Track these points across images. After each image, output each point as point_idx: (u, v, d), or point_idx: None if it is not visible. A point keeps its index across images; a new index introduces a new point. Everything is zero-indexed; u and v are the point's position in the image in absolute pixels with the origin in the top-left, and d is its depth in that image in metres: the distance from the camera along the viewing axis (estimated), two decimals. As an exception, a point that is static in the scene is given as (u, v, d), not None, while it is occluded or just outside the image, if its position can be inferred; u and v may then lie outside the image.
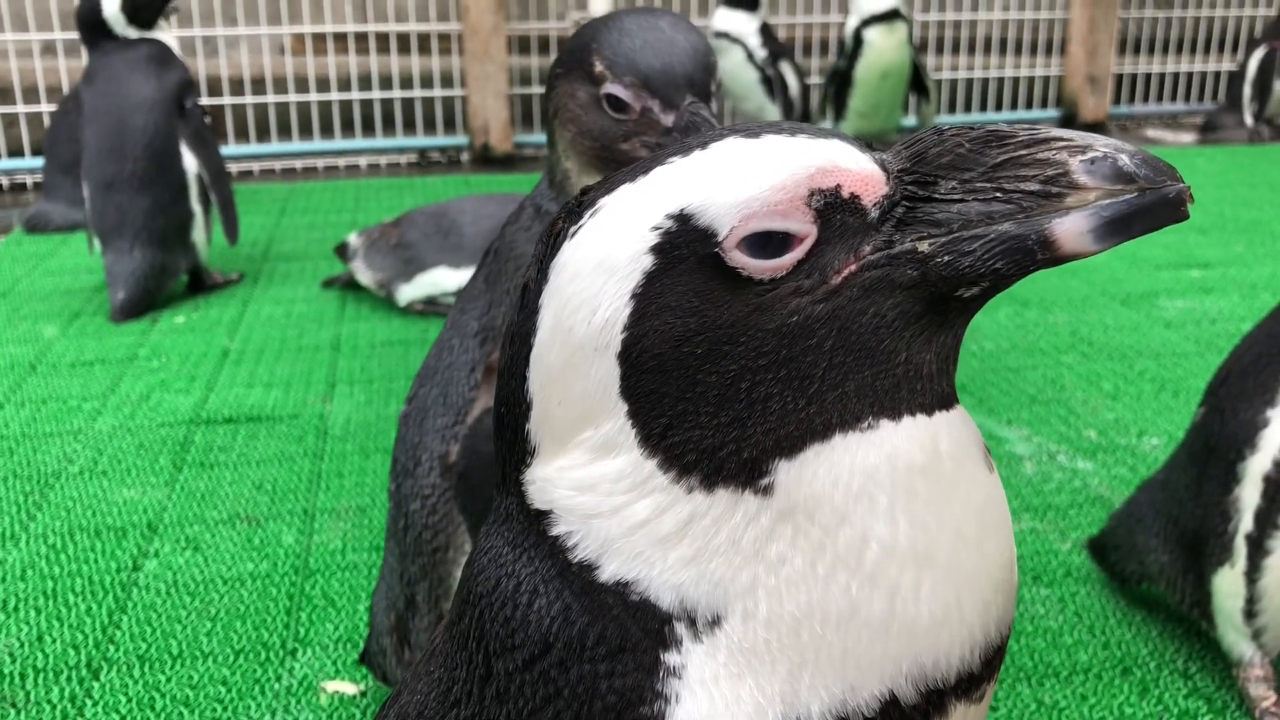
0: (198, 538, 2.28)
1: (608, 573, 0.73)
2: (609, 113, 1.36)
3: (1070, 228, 0.68)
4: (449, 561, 1.48)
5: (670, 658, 0.71)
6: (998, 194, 0.70)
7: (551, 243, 0.76)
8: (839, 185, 0.71)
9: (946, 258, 0.70)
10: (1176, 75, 8.08)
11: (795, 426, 0.71)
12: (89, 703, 1.78)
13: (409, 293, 3.73)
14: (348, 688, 1.80)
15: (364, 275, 3.83)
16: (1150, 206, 0.67)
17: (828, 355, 0.71)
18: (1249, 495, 1.63)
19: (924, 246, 0.71)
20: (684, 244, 0.71)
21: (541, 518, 0.76)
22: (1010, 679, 1.80)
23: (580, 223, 0.74)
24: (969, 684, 0.73)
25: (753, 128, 0.74)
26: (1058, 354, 3.28)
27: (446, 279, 3.67)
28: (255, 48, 6.57)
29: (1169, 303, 3.75)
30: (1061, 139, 0.70)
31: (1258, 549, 1.62)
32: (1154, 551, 1.85)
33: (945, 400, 0.75)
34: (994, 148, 0.71)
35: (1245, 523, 1.64)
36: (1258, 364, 1.69)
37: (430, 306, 3.72)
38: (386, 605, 1.63)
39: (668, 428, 0.72)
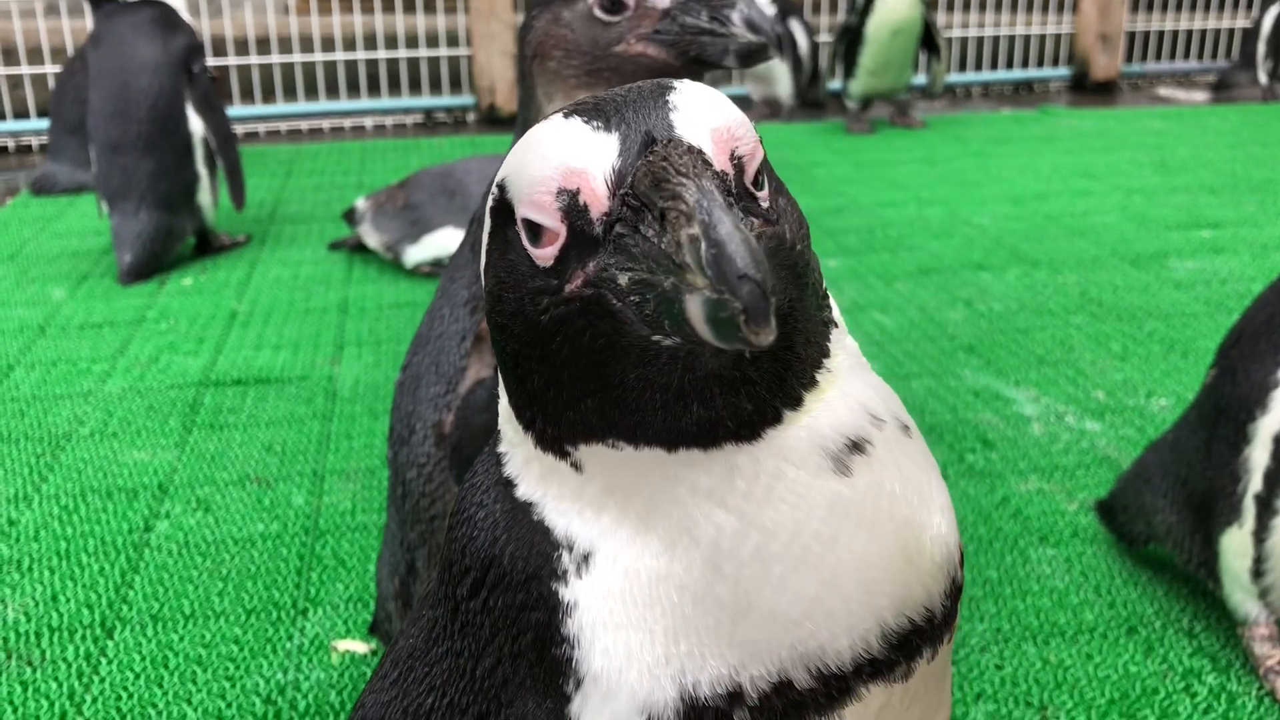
0: (208, 499, 2.30)
1: (521, 490, 0.78)
2: (602, 18, 1.35)
3: (694, 311, 0.62)
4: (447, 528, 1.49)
5: (564, 592, 0.73)
6: (662, 244, 0.64)
7: None
8: (579, 190, 0.68)
9: (636, 299, 0.65)
10: (1190, 32, 7.99)
11: (573, 423, 0.73)
12: (104, 661, 1.80)
13: (416, 254, 3.72)
14: (358, 646, 1.82)
15: (371, 238, 3.83)
16: (718, 320, 0.61)
17: (565, 365, 0.71)
18: (1259, 456, 1.63)
19: (623, 280, 0.66)
20: (504, 212, 0.74)
21: (498, 439, 0.83)
22: (1016, 638, 1.81)
23: None
24: (876, 668, 0.72)
25: (574, 106, 0.72)
26: (1066, 315, 3.27)
27: (453, 240, 3.66)
28: (260, 7, 6.52)
29: (1179, 263, 3.73)
30: (682, 200, 0.63)
31: (1266, 509, 1.62)
32: (1162, 512, 1.86)
33: (739, 430, 0.71)
34: (659, 188, 0.65)
35: (1255, 483, 1.64)
36: (1270, 325, 1.68)
37: (437, 269, 3.71)
38: (390, 571, 1.64)
39: (507, 385, 0.78)
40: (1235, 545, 1.68)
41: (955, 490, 2.27)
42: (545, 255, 0.70)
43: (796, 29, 6.60)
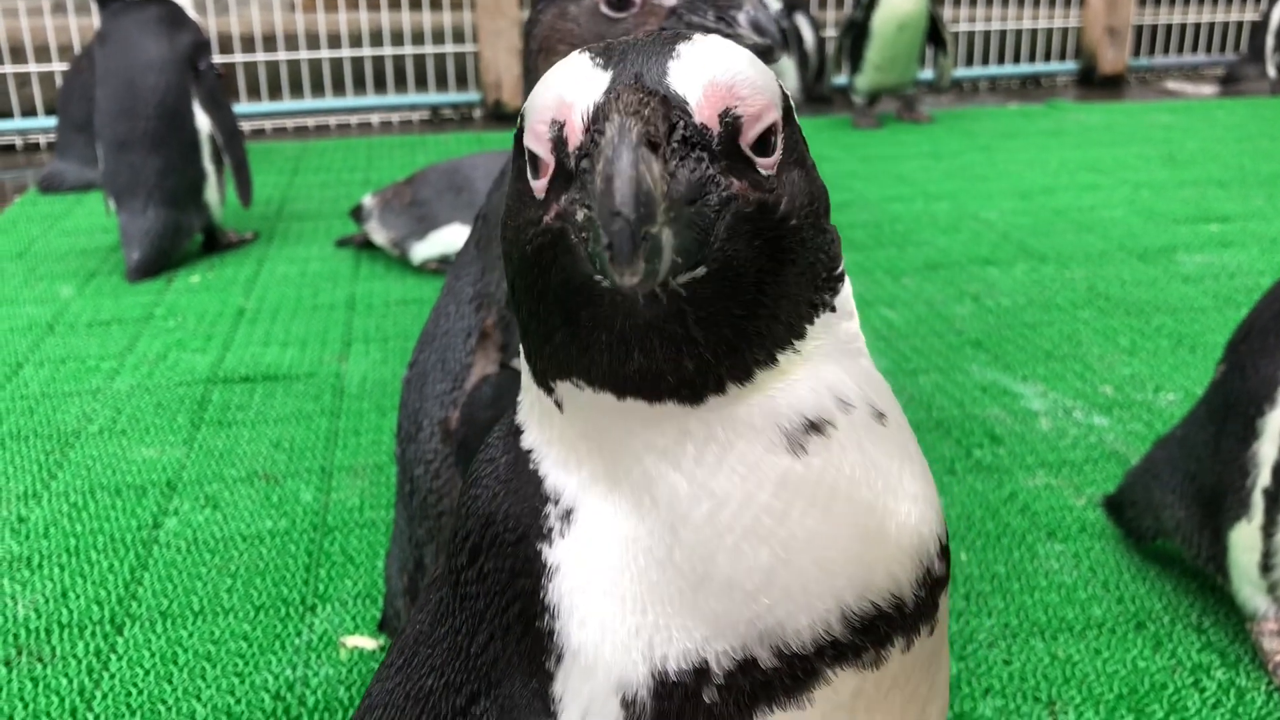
0: (217, 495, 2.30)
1: (526, 436, 0.79)
2: (608, 14, 1.36)
3: (600, 250, 0.62)
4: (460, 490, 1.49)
5: (547, 553, 0.74)
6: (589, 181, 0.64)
7: None
8: (565, 123, 0.68)
9: (586, 234, 0.65)
10: (1198, 26, 7.97)
11: (549, 357, 0.74)
12: (113, 657, 1.80)
13: (423, 251, 3.73)
14: (367, 642, 1.82)
15: (379, 235, 3.83)
16: (596, 255, 0.62)
17: (539, 296, 0.71)
18: (1268, 450, 1.63)
19: (580, 215, 0.65)
20: (518, 142, 0.74)
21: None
22: (1024, 633, 1.81)
23: None
24: (840, 651, 0.72)
25: (590, 46, 0.73)
26: (1074, 309, 3.27)
27: (460, 236, 3.66)
28: (266, 4, 6.53)
29: (1187, 257, 3.72)
30: (601, 132, 0.64)
31: (1275, 504, 1.62)
32: (1170, 507, 1.85)
33: (679, 389, 0.71)
34: (594, 124, 0.66)
35: (1263, 478, 1.63)
36: (1279, 319, 1.68)
37: (444, 265, 3.71)
38: (399, 567, 1.64)
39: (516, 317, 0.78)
40: (1244, 540, 1.68)
41: (963, 485, 2.27)
42: (539, 187, 0.70)
43: (803, 23, 6.59)
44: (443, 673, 0.81)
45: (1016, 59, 7.68)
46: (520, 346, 0.80)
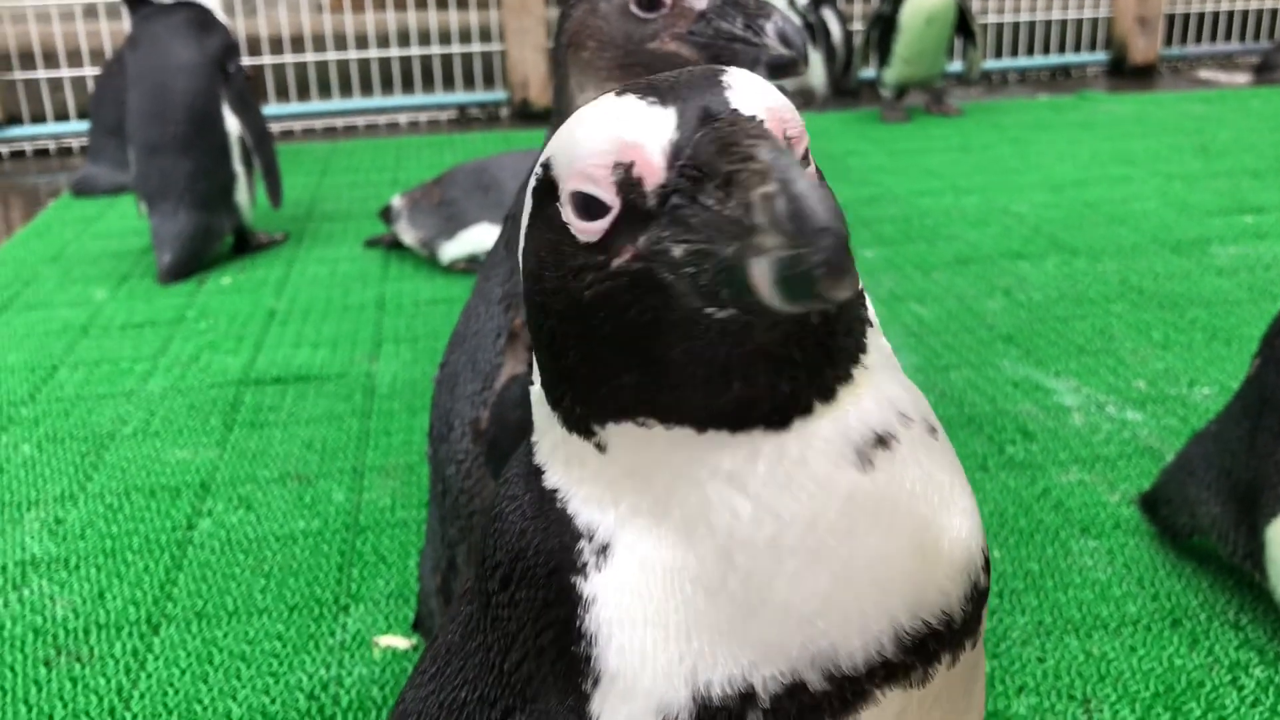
0: (250, 496, 2.32)
1: (548, 477, 0.79)
2: (638, 14, 1.36)
3: (759, 275, 0.62)
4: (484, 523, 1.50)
5: (583, 586, 0.74)
6: (725, 210, 0.64)
7: None
8: (633, 163, 0.68)
9: (691, 270, 0.65)
10: (1230, 13, 7.87)
11: (604, 400, 0.73)
12: (150, 657, 1.82)
13: (451, 251, 3.74)
14: (400, 642, 1.83)
15: (407, 235, 3.85)
16: (792, 277, 0.60)
17: (605, 340, 0.71)
18: (1304, 446, 1.61)
19: (677, 251, 0.66)
20: (546, 191, 0.74)
21: (530, 431, 0.84)
22: (1059, 631, 1.80)
23: None
24: (891, 671, 0.71)
25: (626, 86, 0.73)
26: (1106, 303, 3.24)
27: (488, 236, 3.67)
28: (294, 6, 6.57)
29: (1221, 249, 3.68)
30: (756, 159, 0.63)
31: (1313, 500, 1.60)
32: (1206, 504, 1.83)
33: (770, 414, 0.71)
34: (726, 152, 0.65)
35: (1300, 474, 1.61)
36: (1314, 312, 1.65)
37: (473, 265, 3.73)
38: (432, 567, 1.65)
39: (540, 364, 0.78)
40: (1282, 536, 1.66)
41: (995, 482, 2.26)
42: (593, 230, 0.70)
43: (830, 17, 6.56)
44: (476, 686, 0.81)
45: (1046, 50, 7.62)
46: (540, 397, 0.80)
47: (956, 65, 6.65)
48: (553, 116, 1.48)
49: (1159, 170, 4.74)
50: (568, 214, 0.71)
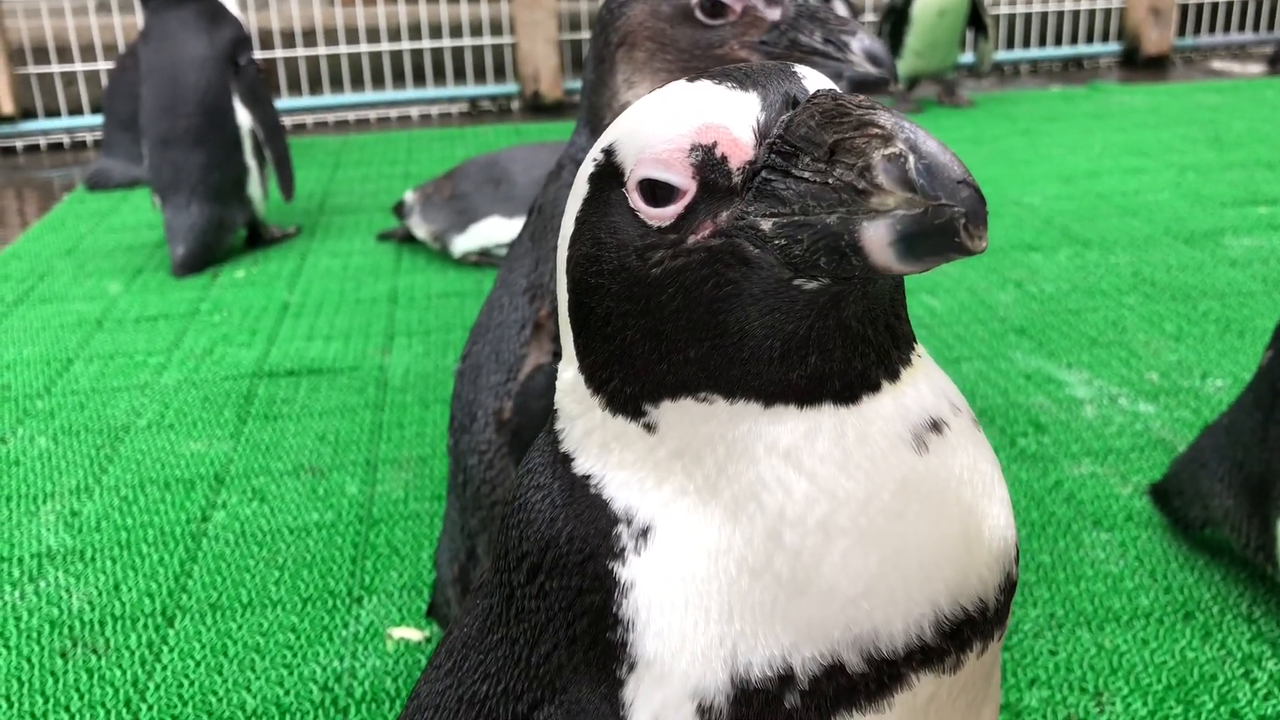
0: (264, 489, 2.33)
1: (580, 464, 0.79)
2: (703, 20, 1.34)
3: (874, 237, 0.63)
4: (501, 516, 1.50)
5: (620, 571, 0.74)
6: (829, 180, 0.65)
7: None
8: (715, 143, 0.70)
9: (782, 242, 0.67)
10: (1244, 3, 7.82)
11: (662, 377, 0.74)
12: (165, 649, 1.84)
13: (463, 244, 3.75)
14: (413, 634, 1.84)
15: (420, 229, 3.86)
16: (926, 232, 0.62)
17: (673, 316, 0.72)
18: (1317, 439, 1.61)
19: (766, 225, 0.68)
20: (608, 177, 0.75)
21: (555, 418, 0.83)
22: (1071, 623, 1.80)
23: None
24: (927, 656, 0.72)
25: (698, 76, 0.74)
26: (1119, 295, 3.23)
27: (499, 229, 3.68)
28: None
29: (1235, 241, 3.66)
30: (875, 124, 0.65)
31: (1326, 493, 1.60)
32: (1218, 496, 1.83)
33: (841, 391, 0.72)
34: (834, 123, 0.66)
35: (1313, 466, 1.61)
36: (1328, 305, 1.65)
37: (484, 258, 3.74)
38: (450, 557, 1.66)
39: (584, 348, 0.78)
40: (1294, 529, 1.65)
41: (1008, 474, 2.25)
42: (666, 214, 0.71)
43: (841, 9, 6.54)
44: (499, 679, 0.81)
45: (1058, 41, 7.58)
46: (570, 384, 0.80)
47: (968, 56, 6.62)
48: (583, 111, 1.47)
49: (1172, 161, 4.72)
50: (635, 200, 0.73)
